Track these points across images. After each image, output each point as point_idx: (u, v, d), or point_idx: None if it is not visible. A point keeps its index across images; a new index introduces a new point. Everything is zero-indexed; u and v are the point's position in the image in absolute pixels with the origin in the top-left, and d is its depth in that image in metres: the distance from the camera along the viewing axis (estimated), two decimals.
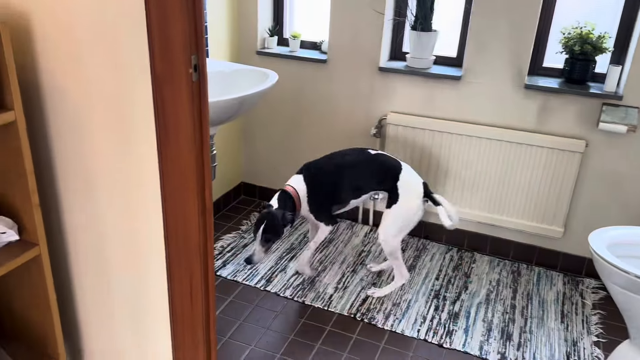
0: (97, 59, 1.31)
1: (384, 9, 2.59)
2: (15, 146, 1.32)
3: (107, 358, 1.75)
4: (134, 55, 1.25)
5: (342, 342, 2.14)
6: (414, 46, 2.62)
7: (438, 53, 2.66)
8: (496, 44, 2.46)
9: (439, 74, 2.59)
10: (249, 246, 2.21)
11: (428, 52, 2.61)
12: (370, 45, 2.67)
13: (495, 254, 2.79)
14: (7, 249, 1.41)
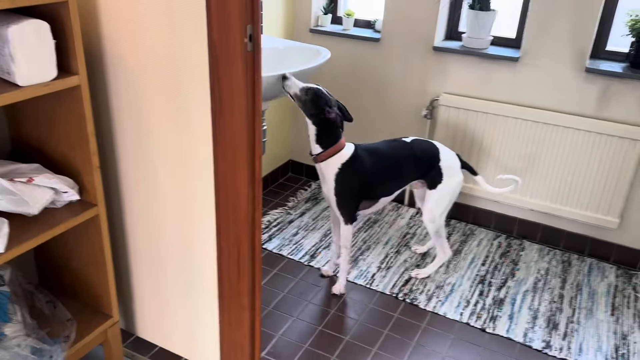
0: (156, 27, 1.35)
1: None
2: (78, 110, 1.38)
3: (157, 320, 1.83)
4: (192, 23, 1.28)
5: (383, 319, 2.16)
6: (470, 26, 2.57)
7: (496, 33, 2.60)
8: (557, 25, 2.39)
9: (496, 54, 2.54)
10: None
11: (485, 32, 2.55)
12: (425, 24, 2.64)
13: (545, 243, 2.74)
14: (68, 208, 1.48)
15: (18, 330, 1.45)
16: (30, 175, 1.41)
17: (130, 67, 1.43)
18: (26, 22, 1.20)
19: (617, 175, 2.45)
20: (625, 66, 2.39)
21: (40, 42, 1.24)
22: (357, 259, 2.52)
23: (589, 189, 2.53)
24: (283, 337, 2.04)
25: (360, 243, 2.64)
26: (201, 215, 1.53)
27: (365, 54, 2.83)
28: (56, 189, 1.45)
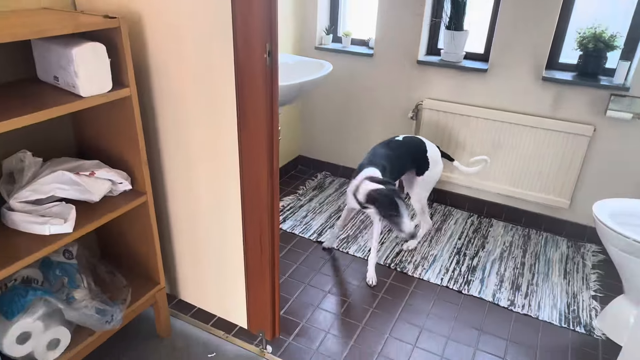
0: (192, 46, 1.35)
1: (423, 11, 2.53)
2: (129, 116, 1.39)
3: (195, 286, 1.84)
4: (222, 43, 1.29)
5: (379, 284, 2.17)
6: (447, 43, 2.55)
7: (468, 49, 2.58)
8: (518, 42, 2.37)
9: (468, 67, 2.52)
10: (402, 223, 1.87)
11: (460, 49, 2.54)
12: (410, 42, 2.62)
13: (509, 221, 2.74)
14: (123, 196, 1.50)
15: (85, 295, 1.47)
16: (92, 169, 1.42)
17: (171, 79, 1.44)
18: (86, 45, 1.21)
19: (568, 165, 2.44)
20: (574, 75, 2.37)
21: (98, 61, 1.25)
22: (357, 237, 2.52)
23: (545, 176, 2.52)
24: (297, 300, 2.05)
25: (358, 223, 2.65)
26: (229, 202, 1.54)
27: (360, 67, 2.82)
28: (113, 181, 1.46)
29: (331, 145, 3.15)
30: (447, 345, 1.84)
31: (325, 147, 3.19)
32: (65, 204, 1.35)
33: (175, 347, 1.78)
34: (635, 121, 2.26)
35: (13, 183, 1.35)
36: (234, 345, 1.79)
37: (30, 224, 1.27)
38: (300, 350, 1.78)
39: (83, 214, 1.37)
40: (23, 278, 1.39)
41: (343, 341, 1.84)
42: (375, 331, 1.89)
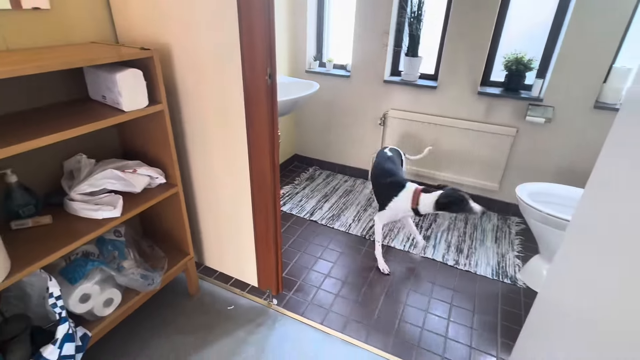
0: (210, 72, 1.33)
1: (387, 42, 2.52)
2: (162, 125, 1.37)
3: (217, 255, 1.83)
4: (233, 68, 1.27)
5: (357, 251, 2.18)
6: (406, 66, 2.55)
7: (422, 71, 2.59)
8: (459, 65, 2.38)
9: (422, 84, 2.52)
10: (473, 208, 1.71)
11: (415, 70, 2.54)
12: (378, 66, 2.62)
13: None
14: (159, 188, 1.48)
15: (131, 264, 1.46)
16: (135, 167, 1.40)
17: (194, 97, 1.42)
18: (127, 71, 1.19)
19: (497, 157, 2.46)
20: (501, 90, 2.39)
21: (137, 83, 1.23)
22: (340, 215, 2.53)
23: (480, 166, 2.54)
24: (295, 264, 2.06)
25: (341, 205, 2.65)
26: (242, 190, 1.53)
27: (341, 85, 2.81)
28: (151, 176, 1.44)
29: (319, 145, 3.14)
30: (409, 294, 1.86)
31: (315, 147, 3.18)
32: (114, 195, 1.33)
33: (203, 302, 1.77)
34: (546, 124, 2.28)
35: (72, 179, 1.33)
36: (248, 299, 1.80)
37: (87, 210, 1.26)
38: (298, 302, 1.79)
39: (128, 202, 1.35)
40: (83, 252, 1.37)
41: (330, 294, 1.85)
42: (354, 286, 1.91)
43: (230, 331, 1.62)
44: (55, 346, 1.06)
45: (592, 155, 2.24)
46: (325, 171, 3.16)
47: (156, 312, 1.70)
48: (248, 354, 1.52)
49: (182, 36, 1.31)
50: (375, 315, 1.73)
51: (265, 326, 1.66)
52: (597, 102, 2.15)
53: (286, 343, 1.58)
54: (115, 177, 1.32)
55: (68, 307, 1.25)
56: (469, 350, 1.58)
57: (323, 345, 1.57)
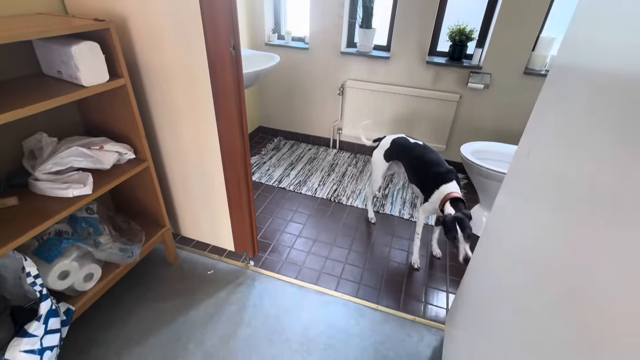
0: (171, 44, 1.24)
1: (343, 15, 2.45)
2: (127, 101, 1.27)
3: (192, 224, 1.80)
4: (195, 40, 1.19)
5: (324, 212, 2.22)
6: (361, 38, 2.52)
7: (376, 42, 2.57)
8: (409, 37, 2.39)
9: (376, 55, 2.51)
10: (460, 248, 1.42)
11: (370, 42, 2.51)
12: (334, 38, 2.56)
13: None
14: (129, 163, 1.39)
15: (108, 240, 1.39)
16: (101, 144, 1.30)
17: (157, 70, 1.32)
18: (83, 43, 1.07)
19: (443, 121, 2.55)
20: (447, 59, 2.44)
21: (94, 56, 1.11)
22: (306, 181, 2.54)
23: (429, 129, 2.62)
24: (268, 228, 2.07)
25: (306, 171, 2.66)
26: (213, 161, 1.48)
27: (300, 57, 2.73)
28: (119, 152, 1.35)
29: (282, 116, 3.08)
30: (372, 246, 1.96)
31: (278, 118, 3.11)
32: (83, 172, 1.24)
33: (183, 269, 1.75)
34: (485, 90, 2.39)
35: (34, 159, 1.22)
36: (226, 263, 1.80)
37: (55, 189, 1.16)
38: (274, 262, 1.83)
39: (98, 179, 1.27)
40: (56, 231, 1.28)
41: (303, 252, 1.90)
42: (324, 243, 1.96)
43: (212, 293, 1.63)
44: (39, 322, 1.02)
45: (523, 116, 2.40)
46: (289, 141, 3.13)
47: (138, 283, 1.65)
48: (231, 311, 1.55)
49: (139, 6, 1.19)
50: (344, 266, 1.81)
51: (244, 285, 1.68)
52: (527, 69, 2.27)
53: (265, 298, 1.62)
54: (81, 155, 1.22)
55: (47, 285, 1.18)
56: (423, 288, 1.71)
57: (299, 297, 1.63)
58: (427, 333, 1.49)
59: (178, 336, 1.44)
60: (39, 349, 1.00)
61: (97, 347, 1.38)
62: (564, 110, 0.75)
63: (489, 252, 1.07)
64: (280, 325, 1.50)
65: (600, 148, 0.56)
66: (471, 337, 1.02)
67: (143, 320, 1.49)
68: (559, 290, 0.58)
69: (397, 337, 1.47)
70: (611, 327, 0.43)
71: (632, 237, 0.43)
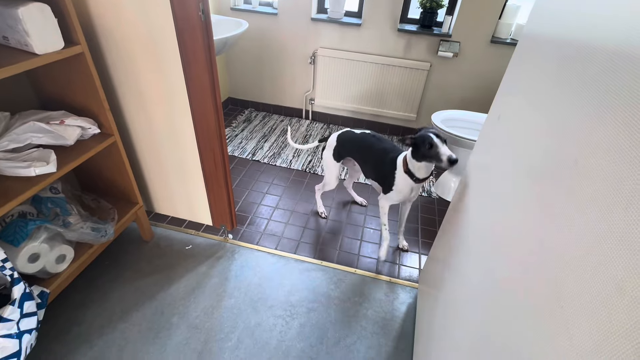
0: (133, 7, 1.14)
1: None
2: (87, 70, 1.18)
3: (167, 201, 1.75)
4: (160, 3, 1.10)
5: (300, 184, 2.24)
6: (331, 3, 2.44)
7: (347, 9, 2.50)
8: (381, 3, 2.34)
9: (347, 22, 2.45)
10: (441, 149, 1.26)
11: (341, 8, 2.44)
12: (304, 3, 2.46)
13: (380, 132, 2.89)
14: (94, 139, 1.32)
15: (78, 219, 1.33)
16: (61, 118, 1.21)
17: (117, 37, 1.22)
18: (31, 4, 0.96)
19: (414, 91, 2.59)
20: (418, 27, 2.44)
21: (46, 20, 1.01)
22: (280, 153, 2.52)
23: (400, 99, 2.65)
24: (245, 201, 2.06)
25: (280, 143, 2.63)
26: (185, 133, 1.43)
27: (269, 24, 2.61)
28: (82, 127, 1.27)
29: (253, 86, 2.98)
30: (348, 215, 2.01)
31: (248, 89, 3.01)
32: (44, 149, 1.16)
33: (160, 245, 1.72)
34: (454, 58, 2.43)
35: None
36: (204, 238, 1.79)
37: (15, 168, 1.08)
38: (252, 234, 1.84)
39: (62, 156, 1.19)
40: (19, 213, 1.21)
41: (281, 223, 1.92)
42: (301, 214, 1.99)
43: (192, 267, 1.63)
44: (14, 306, 0.98)
45: (491, 85, 2.48)
46: (260, 112, 3.05)
47: (114, 262, 1.61)
48: (212, 284, 1.56)
49: None
50: (322, 235, 1.86)
51: (224, 258, 1.69)
52: (493, 37, 2.32)
53: (246, 270, 1.64)
54: (40, 130, 1.14)
55: (17, 268, 1.13)
56: (398, 251, 1.81)
57: (279, 266, 1.67)
58: (402, 292, 1.60)
59: (161, 311, 1.44)
60: (17, 333, 0.97)
61: (78, 325, 1.36)
62: (534, 77, 0.79)
63: (459, 214, 1.15)
64: (263, 293, 1.54)
65: (566, 113, 0.60)
66: (442, 293, 1.11)
67: (124, 297, 1.47)
68: (525, 249, 0.64)
69: (375, 297, 1.56)
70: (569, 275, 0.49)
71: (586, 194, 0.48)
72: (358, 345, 1.38)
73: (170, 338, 1.35)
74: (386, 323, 1.46)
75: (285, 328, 1.41)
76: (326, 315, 1.47)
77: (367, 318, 1.47)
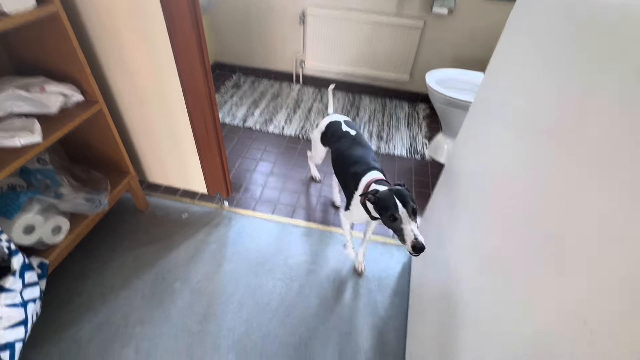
0: None
1: None
2: (63, 31, 1.10)
3: (159, 170, 1.73)
4: None
5: (293, 150, 2.22)
6: None
7: None
8: None
9: None
10: (405, 232, 0.95)
11: None
12: None
13: (372, 95, 2.83)
14: (78, 107, 1.26)
15: (70, 191, 1.31)
16: (41, 85, 1.15)
17: None
18: None
19: (407, 50, 2.51)
20: None
21: None
22: (272, 119, 2.47)
23: (393, 59, 2.58)
24: (238, 168, 2.04)
25: (271, 109, 2.57)
26: (174, 98, 1.38)
27: None
28: (64, 94, 1.21)
29: (240, 50, 2.85)
30: None
31: (236, 52, 2.88)
32: (27, 119, 1.11)
33: (156, 215, 1.72)
34: (449, 15, 2.34)
35: None
36: (200, 206, 1.79)
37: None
38: (248, 201, 1.84)
39: (46, 126, 1.14)
40: (9, 186, 1.18)
41: (276, 189, 1.93)
42: (296, 179, 1.99)
43: (190, 235, 1.64)
44: (15, 277, 0.98)
45: (487, 42, 2.41)
46: (249, 77, 2.95)
47: (111, 232, 1.62)
48: (211, 250, 1.59)
49: None
50: (317, 199, 1.88)
51: (222, 225, 1.70)
52: None
53: (244, 236, 1.66)
54: (20, 98, 1.08)
55: (13, 240, 1.12)
56: None
57: (276, 231, 1.69)
58: (396, 252, 1.65)
59: (162, 277, 1.47)
60: (21, 302, 0.98)
61: (79, 295, 1.38)
62: (533, 34, 0.76)
63: (454, 176, 1.16)
64: (262, 257, 1.57)
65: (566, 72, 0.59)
66: (434, 252, 1.15)
67: (123, 266, 1.49)
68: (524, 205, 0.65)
69: (370, 257, 1.61)
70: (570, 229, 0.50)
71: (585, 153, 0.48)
72: (356, 302, 1.44)
73: (174, 303, 1.39)
74: (382, 281, 1.52)
75: (285, 290, 1.46)
76: (325, 276, 1.52)
77: (364, 277, 1.53)
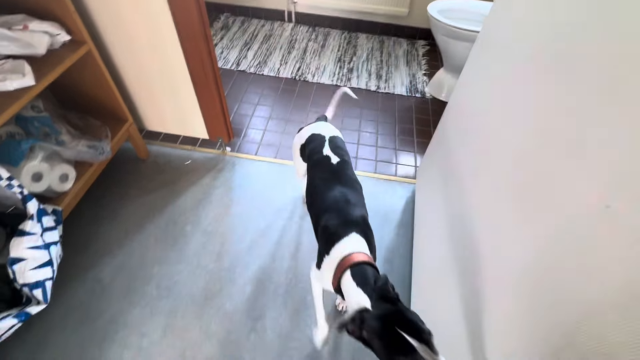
0: None
1: None
2: None
3: (157, 117, 1.68)
4: None
5: (291, 92, 2.16)
6: None
7: None
8: None
9: None
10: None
11: None
12: None
13: (369, 32, 2.71)
14: (66, 48, 1.19)
15: (70, 139, 1.28)
16: (24, 23, 1.07)
17: None
18: None
19: None
20: None
21: None
22: (266, 61, 2.37)
23: None
24: (237, 113, 2.00)
25: (264, 51, 2.45)
26: (168, 38, 1.30)
27: None
28: (50, 32, 1.13)
29: None
30: (343, 119, 2.00)
31: None
32: (15, 60, 1.05)
33: (158, 163, 1.72)
34: None
35: None
36: (202, 152, 1.78)
37: None
38: (250, 145, 1.83)
39: (36, 68, 1.08)
40: (7, 134, 1.15)
41: (277, 133, 1.91)
42: (297, 122, 1.97)
43: (195, 181, 1.65)
44: (33, 221, 1.00)
45: None
46: (238, 17, 2.77)
47: (116, 182, 1.62)
48: (218, 194, 1.61)
49: None
50: None
51: (226, 170, 1.71)
52: None
53: (249, 179, 1.68)
54: (4, 37, 1.01)
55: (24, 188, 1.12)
56: (394, 152, 1.86)
57: (281, 173, 1.71)
58: (399, 188, 1.69)
59: (173, 221, 1.51)
60: (43, 245, 1.01)
61: (95, 240, 1.42)
62: None
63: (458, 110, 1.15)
64: (269, 199, 1.60)
65: None
66: (437, 186, 1.18)
67: (134, 213, 1.52)
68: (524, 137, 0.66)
69: (374, 194, 1.65)
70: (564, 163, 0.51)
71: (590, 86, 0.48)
72: None
73: (187, 244, 1.44)
74: (387, 216, 1.57)
75: (294, 227, 1.51)
76: None
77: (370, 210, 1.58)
